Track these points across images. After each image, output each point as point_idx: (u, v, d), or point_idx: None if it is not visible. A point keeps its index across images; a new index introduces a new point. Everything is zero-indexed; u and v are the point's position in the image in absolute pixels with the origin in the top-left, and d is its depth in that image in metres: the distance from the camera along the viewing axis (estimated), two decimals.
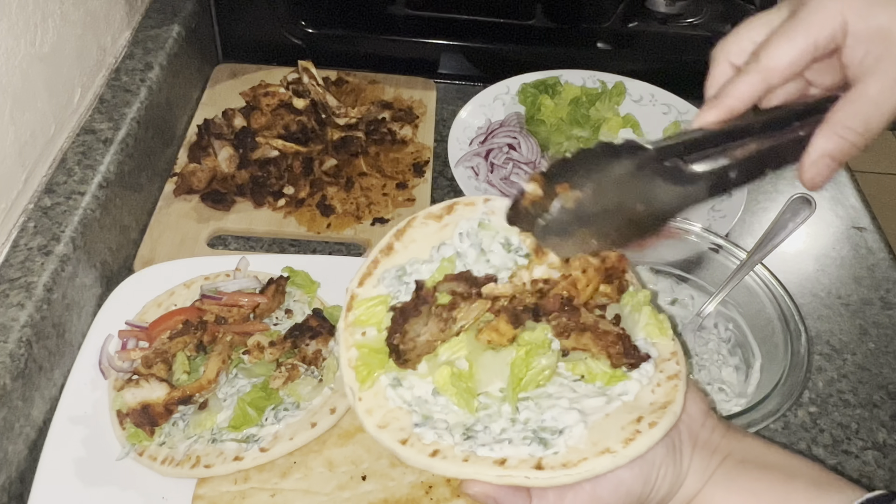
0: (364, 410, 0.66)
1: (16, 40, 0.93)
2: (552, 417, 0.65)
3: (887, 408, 1.02)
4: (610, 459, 0.61)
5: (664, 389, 0.66)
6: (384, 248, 0.74)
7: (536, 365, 0.67)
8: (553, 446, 0.62)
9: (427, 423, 0.65)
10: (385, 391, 0.67)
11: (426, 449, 0.63)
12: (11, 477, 0.85)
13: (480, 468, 0.62)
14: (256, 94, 1.28)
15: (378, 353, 0.68)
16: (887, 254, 1.22)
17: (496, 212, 0.75)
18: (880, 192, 3.16)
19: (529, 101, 1.33)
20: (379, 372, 0.67)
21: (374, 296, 0.71)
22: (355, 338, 0.69)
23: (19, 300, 0.87)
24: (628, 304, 0.72)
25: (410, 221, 0.75)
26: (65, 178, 1.01)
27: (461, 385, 0.66)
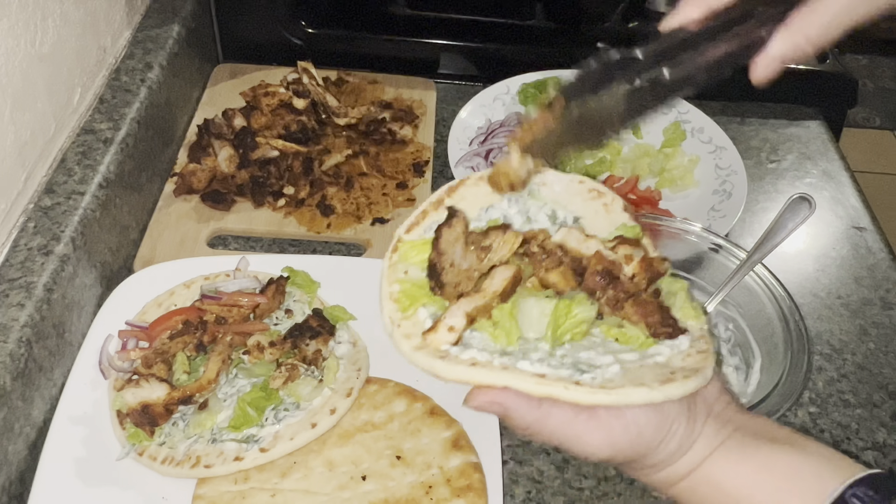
0: (402, 335, 0.67)
1: (16, 40, 0.93)
2: (588, 357, 0.66)
3: (887, 408, 1.02)
4: (646, 392, 0.62)
5: (694, 359, 0.67)
6: (434, 201, 0.75)
7: (576, 315, 0.68)
8: (590, 374, 0.63)
9: (465, 346, 0.66)
10: (424, 322, 0.68)
11: (464, 362, 0.64)
12: (11, 477, 0.85)
13: (519, 377, 0.62)
14: (256, 94, 1.28)
15: (420, 288, 0.69)
16: (887, 254, 1.22)
17: (547, 183, 0.78)
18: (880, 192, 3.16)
19: (529, 102, 1.33)
20: (420, 303, 0.69)
21: (422, 238, 0.72)
22: (398, 275, 0.70)
23: (19, 300, 0.87)
24: (665, 288, 0.73)
25: (463, 181, 0.77)
26: (65, 178, 1.01)
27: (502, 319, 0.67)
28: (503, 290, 0.68)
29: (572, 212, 0.77)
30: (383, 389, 0.94)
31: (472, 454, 0.88)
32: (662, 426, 0.64)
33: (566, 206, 0.77)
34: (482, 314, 0.67)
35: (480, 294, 0.68)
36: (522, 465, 0.93)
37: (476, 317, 0.67)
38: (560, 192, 0.78)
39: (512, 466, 0.93)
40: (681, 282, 0.73)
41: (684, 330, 0.69)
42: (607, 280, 0.69)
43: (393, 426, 0.91)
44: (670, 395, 0.62)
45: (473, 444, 0.89)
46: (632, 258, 0.71)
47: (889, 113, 3.73)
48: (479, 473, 0.87)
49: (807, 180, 1.34)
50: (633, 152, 1.30)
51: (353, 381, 0.93)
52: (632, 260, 0.71)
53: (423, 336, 0.66)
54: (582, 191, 0.78)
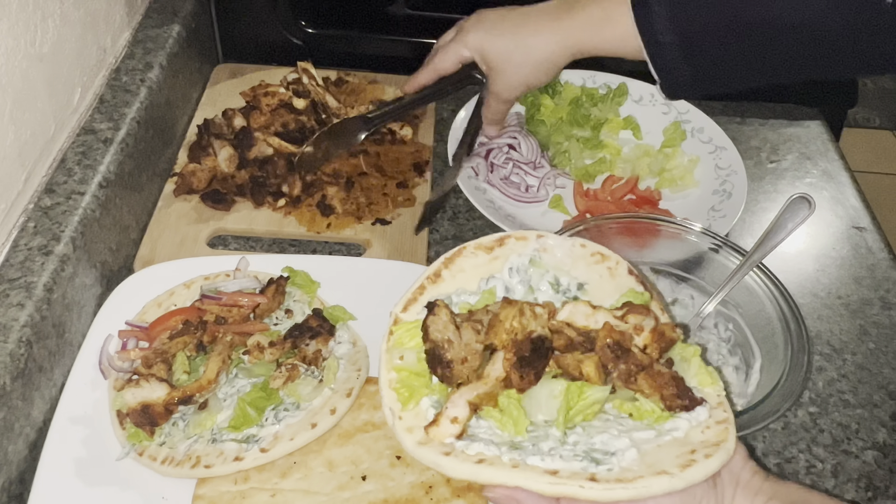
0: (404, 429, 0.65)
1: (16, 40, 0.93)
2: (602, 442, 0.64)
3: (887, 408, 1.02)
4: (667, 480, 0.59)
5: (714, 431, 0.65)
6: (431, 275, 0.75)
7: (589, 396, 0.66)
8: (606, 464, 0.61)
9: (471, 439, 0.64)
10: (427, 413, 0.66)
11: (471, 458, 0.62)
12: (11, 477, 0.85)
13: (531, 475, 0.60)
14: (256, 94, 1.28)
15: (418, 377, 0.68)
16: (887, 254, 1.22)
17: (548, 249, 0.76)
18: (880, 192, 3.16)
19: (529, 101, 1.33)
20: (422, 393, 0.67)
21: (416, 320, 0.71)
22: (395, 361, 0.69)
23: (19, 300, 0.87)
24: (678, 354, 0.71)
25: (460, 250, 0.76)
26: (65, 178, 1.01)
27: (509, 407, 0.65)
28: (506, 375, 0.66)
29: (576, 278, 0.76)
30: None
31: None
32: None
33: (569, 272, 0.76)
34: (486, 402, 0.65)
35: (483, 381, 0.66)
36: None
37: (480, 405, 0.65)
38: (562, 258, 0.77)
39: None
40: (693, 347, 0.71)
41: (701, 400, 0.67)
42: (618, 353, 0.67)
43: None
44: (693, 480, 0.60)
45: None
46: (642, 328, 0.69)
47: (889, 113, 3.73)
48: None
49: (807, 180, 1.34)
50: (633, 152, 1.30)
51: (354, 382, 0.93)
52: (642, 330, 0.69)
53: (425, 430, 0.64)
54: (585, 255, 0.77)
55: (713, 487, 0.64)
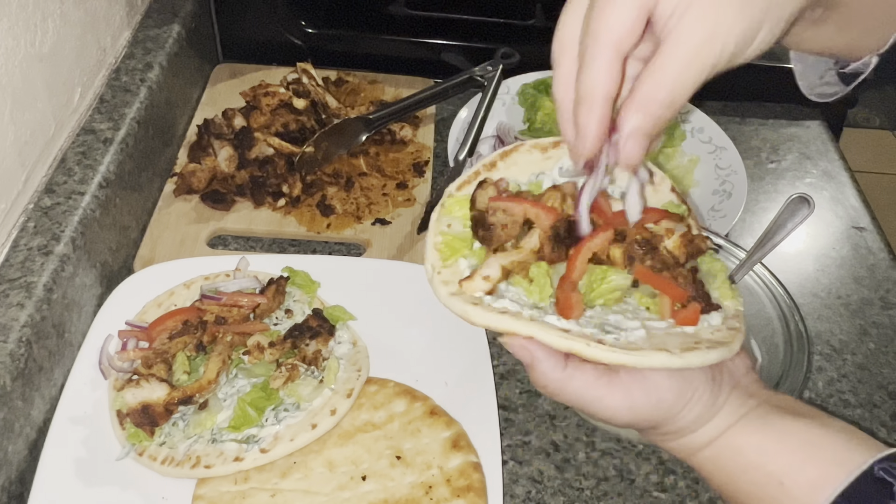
0: (441, 281, 0.69)
1: (16, 40, 0.93)
2: (615, 320, 0.67)
3: (887, 408, 1.02)
4: (666, 356, 0.62)
5: (723, 334, 0.67)
6: (487, 164, 0.77)
7: (611, 281, 0.69)
8: (614, 335, 0.65)
9: (498, 296, 0.67)
10: (463, 271, 0.70)
11: (495, 310, 0.65)
12: (11, 477, 0.85)
13: (545, 328, 0.63)
14: (256, 94, 1.28)
15: (461, 241, 0.72)
16: (887, 254, 1.22)
17: None
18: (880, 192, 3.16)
19: (528, 104, 1.33)
20: (460, 254, 0.71)
21: (466, 194, 0.74)
22: (441, 227, 0.73)
23: (19, 300, 0.87)
24: (706, 266, 0.74)
25: (517, 147, 0.78)
26: (65, 178, 1.01)
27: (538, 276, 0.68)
28: (540, 246, 0.69)
29: (620, 186, 0.77)
30: (383, 390, 0.94)
31: (471, 454, 0.88)
32: (685, 393, 0.64)
33: (615, 180, 0.78)
34: (518, 269, 0.69)
35: (518, 250, 0.69)
36: (522, 465, 0.93)
37: (512, 271, 0.69)
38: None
39: (512, 466, 0.93)
40: (721, 262, 0.74)
41: (717, 306, 0.69)
42: (646, 250, 0.70)
43: (393, 426, 0.91)
44: (689, 363, 0.63)
45: (473, 444, 0.90)
46: (672, 232, 0.72)
47: (889, 113, 3.73)
48: (479, 473, 0.87)
49: (807, 180, 1.34)
50: None
51: (354, 382, 0.93)
52: (672, 233, 0.72)
53: (459, 284, 0.68)
54: None
55: (711, 379, 0.66)
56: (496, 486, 0.87)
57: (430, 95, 1.30)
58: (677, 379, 0.64)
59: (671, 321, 0.68)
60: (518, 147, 0.78)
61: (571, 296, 0.67)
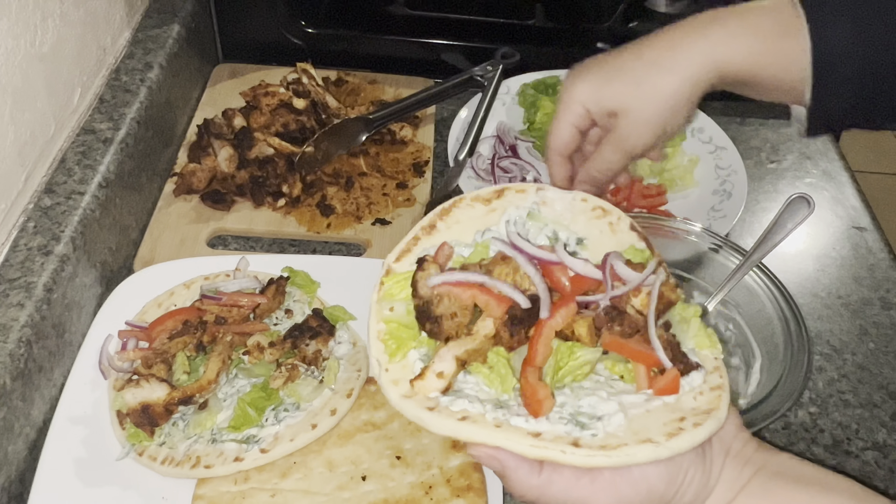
0: (389, 381, 0.63)
1: (16, 40, 0.93)
2: (590, 405, 0.62)
3: (887, 408, 1.02)
4: (651, 449, 0.58)
5: (707, 398, 0.63)
6: (426, 225, 0.72)
7: (579, 357, 0.64)
8: (591, 429, 0.60)
9: (456, 395, 0.62)
10: (414, 366, 0.64)
11: (454, 415, 0.60)
12: (11, 477, 0.85)
13: (513, 436, 0.59)
14: (256, 94, 1.28)
15: (407, 328, 0.66)
16: (887, 254, 1.22)
17: (548, 202, 0.73)
18: (880, 192, 3.16)
19: (528, 104, 1.33)
20: (410, 346, 0.65)
21: (408, 271, 0.69)
22: (384, 312, 0.67)
23: (19, 300, 0.87)
24: (677, 314, 0.69)
25: (457, 202, 0.73)
26: (65, 178, 1.01)
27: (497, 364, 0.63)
28: (496, 332, 0.64)
29: (575, 232, 0.73)
30: None
31: None
32: (675, 478, 0.61)
33: (569, 226, 0.73)
34: (474, 358, 0.64)
35: (471, 337, 0.64)
36: None
37: (468, 360, 0.63)
38: (562, 212, 0.74)
39: None
40: (694, 307, 0.69)
41: (697, 365, 0.64)
42: (613, 315, 0.65)
43: (393, 426, 0.91)
44: (678, 450, 0.59)
45: None
46: (639, 290, 0.66)
47: None
48: (479, 473, 0.87)
49: (807, 180, 1.34)
50: None
51: (354, 382, 0.93)
52: (639, 292, 0.66)
53: (410, 383, 0.62)
54: (585, 209, 0.74)
55: (701, 456, 0.62)
56: (496, 486, 0.87)
57: (430, 95, 1.30)
58: (665, 465, 0.60)
59: (649, 392, 0.63)
60: (458, 202, 0.73)
61: (538, 389, 0.61)
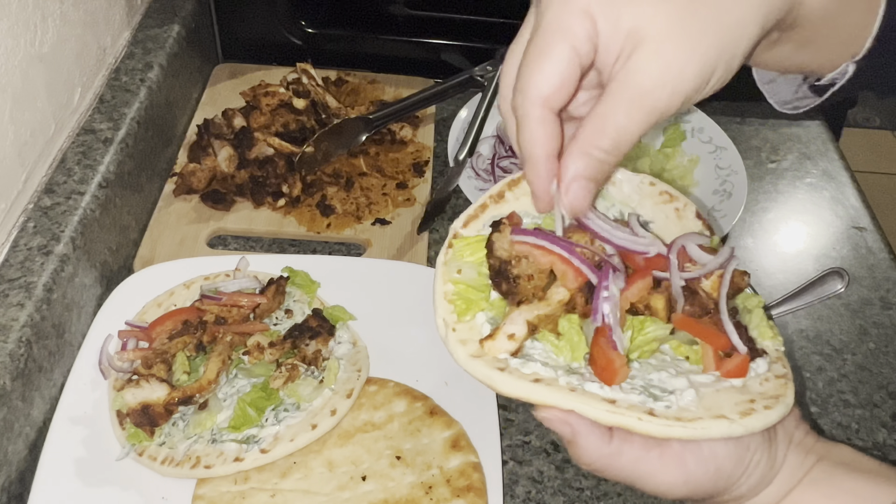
0: (457, 340, 0.61)
1: (16, 40, 0.93)
2: (660, 379, 0.61)
3: (887, 408, 1.02)
4: (726, 425, 0.57)
5: (773, 385, 0.62)
6: (495, 195, 0.70)
7: (648, 333, 0.63)
8: (664, 401, 0.59)
9: (526, 358, 0.61)
10: (482, 328, 0.63)
11: (526, 377, 0.58)
12: (11, 477, 0.85)
13: (587, 401, 0.57)
14: (256, 94, 1.28)
15: (476, 290, 0.64)
16: (887, 254, 1.22)
17: (616, 182, 0.72)
18: (880, 192, 3.17)
19: None
20: (480, 307, 0.64)
21: (478, 235, 0.67)
22: (453, 274, 0.65)
23: (19, 300, 0.87)
24: (741, 303, 0.69)
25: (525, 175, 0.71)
26: (65, 178, 1.01)
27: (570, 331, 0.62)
28: (570, 298, 0.63)
29: (642, 215, 0.72)
30: (383, 390, 0.94)
31: (472, 454, 0.88)
32: (743, 459, 0.60)
33: (635, 208, 0.72)
34: (545, 324, 0.62)
35: (544, 302, 0.62)
36: (522, 465, 0.93)
37: (538, 326, 0.62)
38: (629, 194, 0.73)
39: (512, 466, 0.93)
40: (757, 298, 0.68)
41: (763, 352, 0.64)
42: (686, 294, 0.64)
43: (393, 426, 0.91)
44: (752, 428, 0.58)
45: (473, 444, 0.89)
46: (710, 273, 0.65)
47: (889, 113, 3.73)
48: (479, 473, 0.87)
49: (807, 180, 1.34)
50: (633, 152, 1.29)
51: (354, 382, 0.93)
52: (711, 274, 0.65)
53: (480, 343, 0.61)
54: (653, 193, 0.73)
55: (768, 441, 0.62)
56: (496, 486, 0.87)
57: (430, 95, 1.30)
58: (735, 445, 0.60)
59: (716, 374, 0.63)
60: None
61: (614, 358, 0.59)
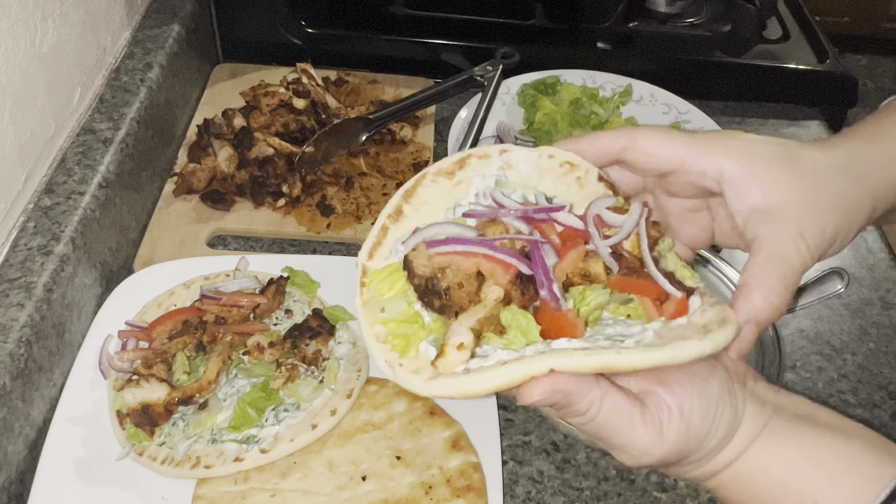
0: (408, 373, 0.60)
1: (16, 40, 0.93)
2: (616, 332, 0.61)
3: (887, 408, 1.02)
4: (696, 344, 0.57)
5: (713, 312, 0.62)
6: (392, 212, 0.67)
7: (590, 302, 0.63)
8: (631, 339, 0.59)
9: (481, 357, 0.60)
10: (428, 353, 0.61)
11: (493, 367, 0.57)
12: (11, 477, 0.85)
13: (562, 354, 0.56)
14: (256, 94, 1.28)
15: (409, 323, 0.63)
16: (887, 254, 1.22)
17: (513, 165, 0.70)
18: None
19: (528, 104, 1.33)
20: (420, 338, 0.62)
21: (389, 265, 0.65)
22: (377, 315, 0.63)
23: (19, 300, 0.87)
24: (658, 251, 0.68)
25: (420, 180, 0.68)
26: (65, 178, 1.01)
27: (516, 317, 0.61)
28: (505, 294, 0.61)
29: (544, 192, 0.70)
30: (383, 390, 0.94)
31: (472, 454, 0.88)
32: (708, 413, 0.62)
33: (536, 186, 0.70)
34: (488, 326, 0.61)
35: (481, 305, 0.61)
36: (522, 465, 0.93)
37: (482, 330, 0.61)
38: (529, 174, 0.70)
39: (512, 466, 0.93)
40: (668, 241, 0.68)
41: (693, 290, 0.64)
42: (616, 257, 0.64)
43: (393, 426, 0.91)
44: (718, 343, 0.58)
45: (473, 444, 0.89)
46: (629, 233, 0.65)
47: None
48: (479, 473, 0.87)
49: None
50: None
51: (354, 382, 0.93)
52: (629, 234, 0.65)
53: (432, 365, 0.59)
54: (553, 167, 0.70)
55: (728, 395, 0.63)
56: (496, 486, 0.87)
57: (430, 95, 1.30)
58: (700, 399, 0.61)
59: (661, 319, 0.63)
60: (420, 181, 0.68)
61: (566, 313, 0.59)
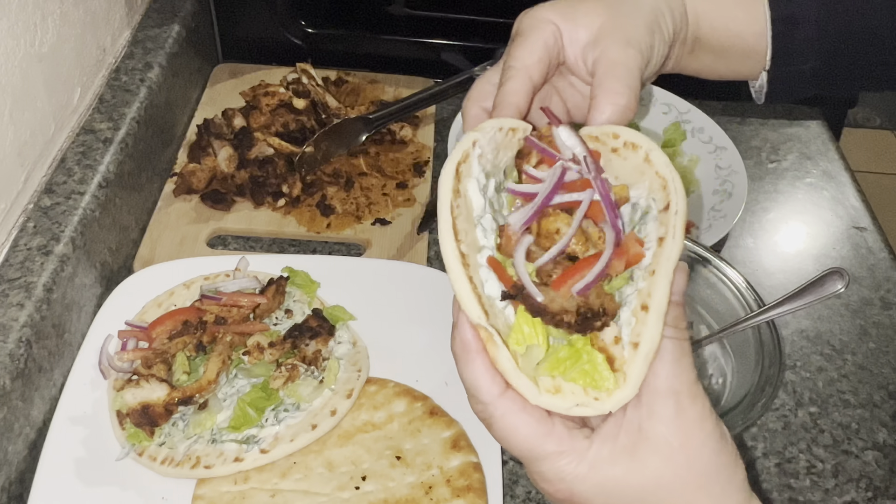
0: (616, 392, 0.56)
1: (16, 40, 0.93)
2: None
3: (887, 408, 1.02)
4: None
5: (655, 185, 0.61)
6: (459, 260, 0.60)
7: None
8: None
9: None
10: (605, 365, 0.57)
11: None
12: (11, 477, 0.85)
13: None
14: (256, 94, 1.28)
15: (569, 358, 0.59)
16: (887, 254, 1.22)
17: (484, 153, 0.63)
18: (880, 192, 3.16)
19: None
20: (594, 360, 0.58)
21: (517, 322, 0.61)
22: (536, 371, 0.60)
23: (19, 300, 0.87)
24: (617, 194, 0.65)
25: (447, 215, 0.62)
26: (64, 178, 1.01)
27: None
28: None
29: (501, 168, 0.65)
30: (383, 390, 0.94)
31: (472, 454, 0.88)
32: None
33: (498, 166, 0.65)
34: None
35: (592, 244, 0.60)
36: (522, 465, 0.93)
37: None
38: (492, 156, 0.64)
39: (512, 466, 0.93)
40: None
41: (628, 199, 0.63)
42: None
43: (393, 426, 0.91)
44: None
45: (473, 444, 0.90)
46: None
47: (889, 113, 3.73)
48: (479, 473, 0.87)
49: (807, 180, 1.34)
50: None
51: (354, 382, 0.93)
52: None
53: (622, 371, 0.56)
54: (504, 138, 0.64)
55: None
56: (496, 486, 0.87)
57: (430, 95, 1.30)
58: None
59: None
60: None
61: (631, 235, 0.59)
